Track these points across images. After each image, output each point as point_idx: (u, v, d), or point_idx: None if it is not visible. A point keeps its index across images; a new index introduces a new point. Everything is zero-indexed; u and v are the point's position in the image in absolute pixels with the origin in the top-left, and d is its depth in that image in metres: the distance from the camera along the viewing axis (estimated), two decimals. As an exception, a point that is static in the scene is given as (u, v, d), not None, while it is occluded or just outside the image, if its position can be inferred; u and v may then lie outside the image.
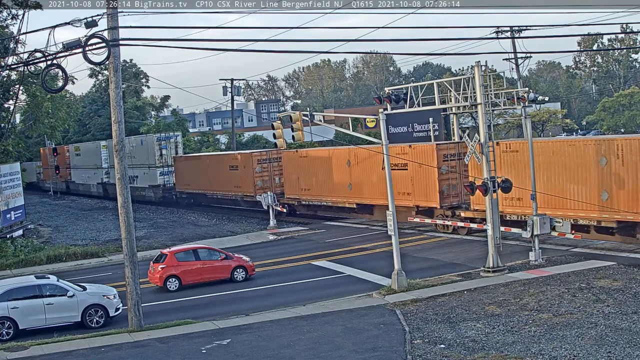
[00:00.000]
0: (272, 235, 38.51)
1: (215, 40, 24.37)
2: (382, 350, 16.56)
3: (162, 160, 58.55)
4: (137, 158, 61.35)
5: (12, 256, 35.12)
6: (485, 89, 25.16)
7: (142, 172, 61.65)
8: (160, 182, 58.82)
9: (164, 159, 58.60)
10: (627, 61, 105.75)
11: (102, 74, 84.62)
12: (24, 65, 22.22)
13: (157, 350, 18.15)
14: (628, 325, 16.96)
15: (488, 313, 19.25)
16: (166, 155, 58.48)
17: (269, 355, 16.94)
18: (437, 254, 29.35)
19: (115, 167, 21.11)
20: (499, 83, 45.02)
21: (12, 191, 41.73)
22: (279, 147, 27.59)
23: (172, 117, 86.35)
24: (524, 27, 47.33)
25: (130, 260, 20.65)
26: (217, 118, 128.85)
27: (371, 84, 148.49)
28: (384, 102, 26.43)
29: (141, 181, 62.27)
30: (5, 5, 36.00)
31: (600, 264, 24.22)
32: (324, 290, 24.45)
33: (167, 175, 59.03)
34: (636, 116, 79.86)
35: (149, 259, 29.21)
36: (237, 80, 66.73)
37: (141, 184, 62.24)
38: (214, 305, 23.91)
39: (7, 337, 20.66)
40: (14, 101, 43.67)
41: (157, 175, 58.92)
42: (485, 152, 24.41)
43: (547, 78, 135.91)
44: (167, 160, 58.64)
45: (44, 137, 71.92)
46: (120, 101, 20.54)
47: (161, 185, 58.78)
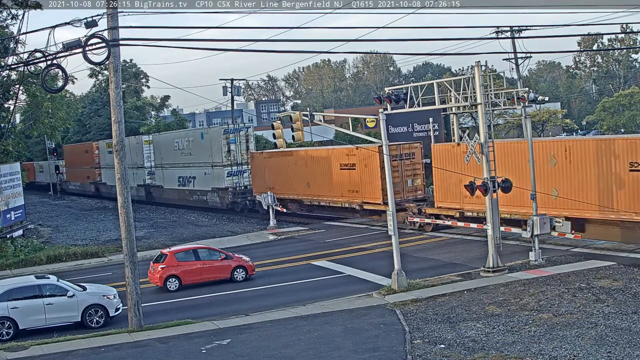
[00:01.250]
0: (272, 235, 38.51)
1: (215, 40, 24.35)
2: (382, 350, 16.56)
3: (230, 158, 48.79)
4: (196, 155, 52.58)
5: (12, 256, 35.14)
6: (485, 89, 25.15)
7: (201, 173, 52.11)
8: (228, 184, 48.73)
9: (232, 155, 48.74)
10: (627, 61, 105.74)
11: (102, 74, 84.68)
12: (24, 65, 22.22)
13: (157, 350, 18.15)
14: (628, 325, 16.96)
15: (488, 313, 19.25)
16: (235, 152, 48.61)
17: (269, 355, 16.94)
18: (437, 254, 29.35)
19: (115, 167, 21.11)
20: (499, 83, 45.00)
21: (12, 191, 41.75)
22: (279, 147, 27.58)
23: (172, 117, 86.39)
24: (524, 27, 47.29)
25: (130, 260, 20.65)
26: (217, 118, 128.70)
27: (371, 84, 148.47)
28: (384, 102, 26.42)
29: (201, 183, 52.49)
30: (5, 5, 35.99)
31: (600, 264, 24.23)
32: (324, 290, 24.45)
33: (236, 175, 48.94)
34: (636, 116, 79.85)
35: (149, 259, 29.21)
36: (237, 80, 66.73)
37: (200, 187, 52.56)
38: (214, 305, 23.91)
39: (7, 337, 20.67)
40: (14, 101, 43.71)
41: (223, 176, 48.78)
42: (485, 152, 24.41)
43: (547, 78, 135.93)
44: (237, 158, 48.85)
45: (44, 137, 71.70)
46: (120, 101, 20.55)
47: (230, 189, 48.62)
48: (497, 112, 52.02)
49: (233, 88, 65.50)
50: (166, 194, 58.74)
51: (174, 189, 56.98)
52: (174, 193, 57.36)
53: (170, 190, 57.92)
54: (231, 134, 48.60)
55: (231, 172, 48.75)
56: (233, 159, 48.76)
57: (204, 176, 51.62)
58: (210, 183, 50.56)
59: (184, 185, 55.47)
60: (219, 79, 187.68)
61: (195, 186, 53.16)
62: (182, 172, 55.41)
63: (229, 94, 65.52)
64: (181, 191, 55.58)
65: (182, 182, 55.78)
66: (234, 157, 48.75)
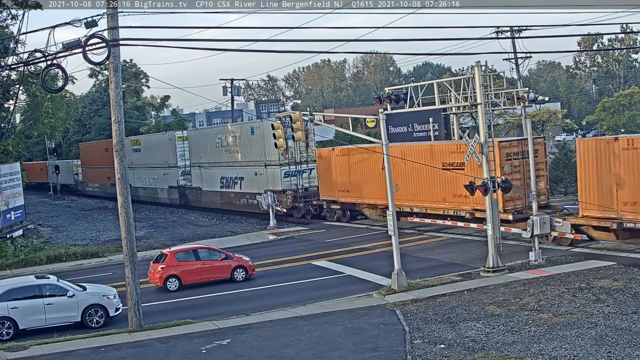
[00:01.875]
0: (272, 235, 38.50)
1: (215, 40, 24.34)
2: (382, 350, 16.55)
3: (288, 156, 42.26)
4: (244, 153, 46.49)
5: (12, 256, 35.14)
6: (485, 89, 25.15)
7: (251, 173, 45.82)
8: (285, 186, 42.85)
9: (290, 153, 42.04)
10: (627, 61, 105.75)
11: (102, 74, 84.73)
12: (24, 65, 22.21)
13: (157, 350, 18.15)
14: (628, 325, 16.96)
15: (488, 313, 19.25)
16: (293, 149, 41.87)
17: (269, 355, 16.94)
18: (437, 254, 29.35)
19: (115, 167, 21.09)
20: (499, 83, 44.99)
21: (12, 191, 41.75)
22: (279, 147, 27.56)
23: (172, 117, 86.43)
24: (524, 27, 47.30)
25: (130, 260, 20.65)
26: (217, 118, 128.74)
27: (371, 84, 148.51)
28: (384, 102, 26.43)
29: (250, 185, 46.01)
30: (5, 5, 36.00)
31: (600, 264, 24.22)
32: (324, 290, 24.45)
33: (295, 176, 42.73)
34: (636, 116, 79.87)
35: (149, 259, 29.21)
36: (237, 80, 66.81)
37: (250, 189, 45.89)
38: (214, 305, 23.91)
39: (7, 337, 20.66)
40: (14, 101, 43.74)
41: (279, 177, 42.87)
42: (485, 152, 24.40)
43: (547, 78, 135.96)
44: (295, 155, 42.54)
45: (44, 137, 71.61)
46: (120, 101, 20.55)
47: (289, 192, 42.69)
48: (497, 112, 51.94)
49: (233, 88, 65.53)
50: (206, 197, 52.22)
51: (216, 192, 50.61)
52: (215, 196, 50.88)
53: (210, 193, 51.61)
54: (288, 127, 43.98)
55: (289, 172, 42.41)
56: (291, 157, 42.21)
57: (254, 177, 45.41)
58: (262, 185, 44.31)
59: (228, 187, 49.31)
60: (219, 79, 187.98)
61: (242, 188, 46.67)
62: (226, 172, 49.38)
63: (229, 94, 65.55)
64: (225, 194, 48.88)
65: (226, 183, 49.68)
66: (291, 154, 42.08)
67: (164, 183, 58.75)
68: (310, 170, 42.85)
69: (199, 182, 53.76)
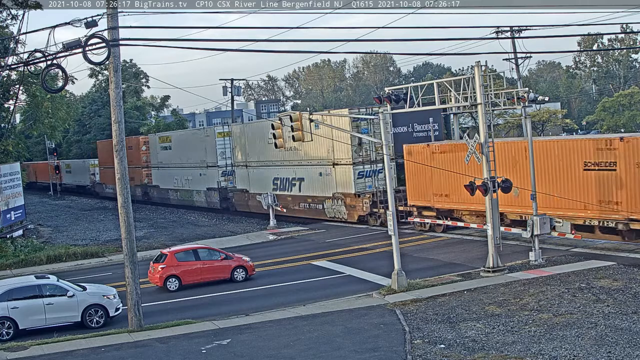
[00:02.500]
0: (272, 235, 38.50)
1: (215, 40, 24.39)
2: (382, 350, 16.55)
3: (362, 154, 37.36)
4: (305, 150, 40.72)
5: (12, 256, 35.17)
6: (485, 89, 25.15)
7: (314, 174, 40.54)
8: (359, 189, 37.40)
9: (364, 150, 37.33)
10: (627, 61, 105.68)
11: (102, 74, 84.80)
12: (24, 65, 22.23)
13: (157, 350, 18.15)
14: (628, 325, 16.96)
15: (488, 313, 19.25)
16: (367, 145, 37.29)
17: (269, 355, 16.94)
18: (437, 254, 29.35)
19: (115, 167, 21.07)
20: (499, 83, 45.01)
21: (12, 191, 41.77)
22: (279, 147, 27.56)
23: (172, 117, 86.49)
24: (524, 27, 47.34)
25: (130, 260, 20.65)
26: (217, 118, 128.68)
27: (371, 84, 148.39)
28: (384, 102, 26.43)
29: (313, 187, 40.82)
30: (5, 5, 36.02)
31: (600, 264, 24.22)
32: (324, 290, 24.45)
33: (370, 177, 37.42)
34: (636, 116, 79.81)
35: (149, 259, 29.22)
36: (237, 80, 66.85)
37: (311, 192, 40.79)
38: (214, 305, 23.91)
39: (7, 337, 20.68)
40: (14, 101, 43.79)
41: (352, 178, 37.38)
42: (485, 152, 24.40)
43: (547, 78, 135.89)
44: (370, 153, 37.53)
45: (44, 137, 71.61)
46: (120, 101, 20.55)
47: (363, 195, 37.13)
48: (497, 112, 52.00)
49: (233, 88, 65.56)
50: (255, 201, 45.80)
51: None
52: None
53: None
54: (362, 121, 36.24)
55: (363, 173, 37.10)
56: (365, 155, 37.24)
57: (318, 178, 40.26)
58: (329, 187, 39.25)
59: (284, 190, 43.48)
60: (219, 79, 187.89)
61: (302, 191, 41.53)
62: (281, 172, 43.74)
63: (229, 94, 65.58)
64: (279, 197, 42.63)
65: (280, 185, 43.97)
66: (366, 152, 37.20)
67: (200, 184, 52.41)
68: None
69: (245, 183, 48.22)
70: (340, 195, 38.49)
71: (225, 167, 49.93)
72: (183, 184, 54.53)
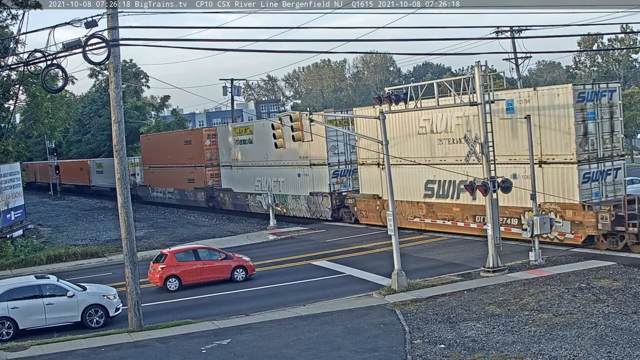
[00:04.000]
0: (272, 235, 38.49)
1: (215, 40, 24.36)
2: (382, 350, 16.56)
3: (588, 147, 26.80)
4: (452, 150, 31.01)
5: (12, 256, 35.18)
6: (485, 89, 25.16)
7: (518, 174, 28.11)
8: (584, 197, 26.65)
9: (591, 143, 26.89)
10: (627, 61, 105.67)
11: (102, 74, 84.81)
12: (24, 65, 22.25)
13: (157, 350, 18.15)
14: (628, 325, 16.96)
15: (488, 313, 19.25)
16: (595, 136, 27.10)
17: (269, 355, 16.94)
18: (437, 254, 29.34)
19: (115, 167, 21.06)
20: (499, 83, 45.00)
21: (12, 191, 41.77)
22: (279, 147, 27.55)
23: (172, 117, 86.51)
24: (524, 27, 47.33)
25: (130, 260, 20.66)
26: (217, 118, 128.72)
27: (371, 84, 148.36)
28: (384, 102, 26.43)
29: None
30: (5, 5, 36.03)
31: (600, 264, 24.22)
32: (324, 290, 24.45)
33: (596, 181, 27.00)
34: (636, 116, 79.90)
35: (149, 259, 29.22)
36: (237, 80, 66.86)
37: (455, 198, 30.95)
38: (214, 305, 23.91)
39: (7, 337, 20.69)
40: (14, 101, 43.78)
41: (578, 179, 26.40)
42: (485, 152, 24.39)
43: (547, 78, 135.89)
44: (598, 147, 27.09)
45: (44, 137, 71.63)
46: (120, 101, 20.55)
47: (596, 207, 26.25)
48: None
49: (233, 88, 65.57)
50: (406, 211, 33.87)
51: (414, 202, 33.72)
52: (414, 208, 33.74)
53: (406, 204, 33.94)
54: (589, 101, 26.52)
55: (589, 175, 26.73)
56: (592, 149, 26.85)
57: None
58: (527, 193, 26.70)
59: (439, 197, 32.55)
60: (219, 79, 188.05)
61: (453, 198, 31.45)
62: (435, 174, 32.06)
63: (229, 94, 65.60)
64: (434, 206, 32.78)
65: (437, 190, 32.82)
66: (592, 145, 26.83)
67: (298, 189, 41.63)
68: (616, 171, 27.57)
69: (374, 187, 36.50)
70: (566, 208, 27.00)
71: (338, 165, 38.83)
72: (271, 188, 43.64)
